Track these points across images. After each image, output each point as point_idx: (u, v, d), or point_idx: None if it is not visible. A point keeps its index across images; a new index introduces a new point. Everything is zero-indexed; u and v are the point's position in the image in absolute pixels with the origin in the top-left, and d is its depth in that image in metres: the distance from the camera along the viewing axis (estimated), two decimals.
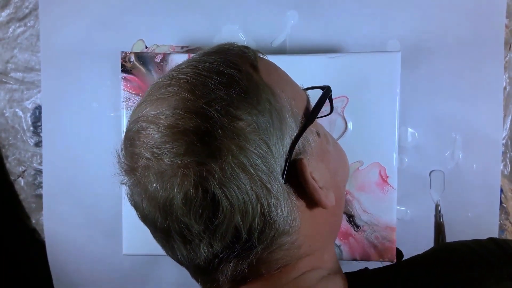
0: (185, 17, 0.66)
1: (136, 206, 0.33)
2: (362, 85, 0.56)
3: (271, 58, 0.58)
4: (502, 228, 0.66)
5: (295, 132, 0.31)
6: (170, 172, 0.28)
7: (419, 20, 0.65)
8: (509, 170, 0.66)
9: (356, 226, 0.56)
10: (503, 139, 0.66)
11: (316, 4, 0.66)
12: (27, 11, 0.69)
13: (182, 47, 0.66)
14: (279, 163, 0.30)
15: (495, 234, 0.65)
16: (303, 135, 0.32)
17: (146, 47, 0.66)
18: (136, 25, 0.67)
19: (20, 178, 0.71)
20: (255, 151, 0.28)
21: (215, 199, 0.28)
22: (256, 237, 0.30)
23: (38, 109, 0.69)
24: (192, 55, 0.58)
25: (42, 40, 0.67)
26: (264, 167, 0.29)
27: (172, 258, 0.33)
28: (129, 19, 0.67)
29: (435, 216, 0.65)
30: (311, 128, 0.34)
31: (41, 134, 0.69)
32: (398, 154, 0.56)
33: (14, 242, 0.72)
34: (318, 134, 0.35)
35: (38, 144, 0.70)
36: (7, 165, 0.71)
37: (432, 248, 0.41)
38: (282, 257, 0.32)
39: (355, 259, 0.57)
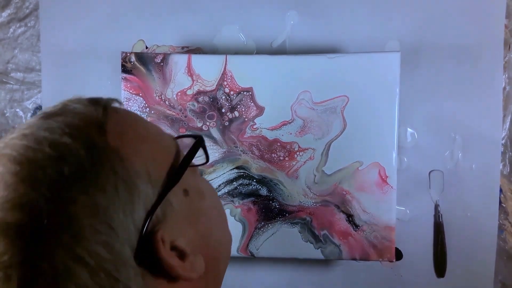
0: (185, 18, 0.67)
1: None
2: (362, 86, 0.56)
3: (271, 59, 0.58)
4: (501, 228, 0.66)
5: (153, 200, 0.27)
6: None
7: (419, 20, 0.65)
8: (508, 170, 0.66)
9: (356, 226, 0.57)
10: (503, 139, 0.66)
11: (316, 4, 0.66)
12: (27, 11, 0.69)
13: (182, 47, 0.67)
14: (129, 244, 0.25)
15: (494, 233, 0.65)
16: (164, 199, 0.27)
17: (147, 48, 0.67)
18: (136, 25, 0.67)
19: None
20: (94, 239, 0.24)
21: None
22: None
23: (38, 109, 0.69)
24: (192, 55, 0.58)
25: (42, 40, 0.67)
26: (108, 255, 0.24)
27: None
28: (130, 19, 0.67)
29: (435, 216, 0.65)
30: (177, 187, 0.29)
31: None
32: (397, 154, 0.57)
33: None
34: (187, 192, 0.30)
35: None
36: None
37: None
38: None
39: (354, 259, 0.57)
